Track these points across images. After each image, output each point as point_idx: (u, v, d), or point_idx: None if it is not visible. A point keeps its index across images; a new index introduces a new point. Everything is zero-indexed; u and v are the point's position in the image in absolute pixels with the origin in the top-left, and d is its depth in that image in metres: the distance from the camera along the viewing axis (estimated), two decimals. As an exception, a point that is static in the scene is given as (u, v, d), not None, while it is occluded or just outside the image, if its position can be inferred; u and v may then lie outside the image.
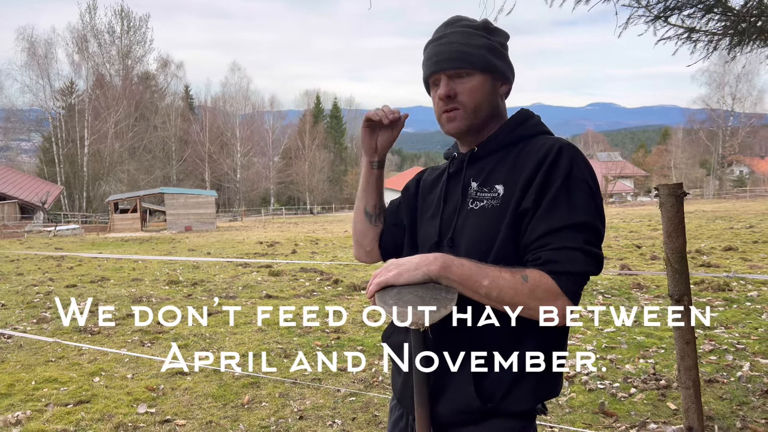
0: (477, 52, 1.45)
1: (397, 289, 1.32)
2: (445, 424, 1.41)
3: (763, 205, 33.65)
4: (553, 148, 1.37)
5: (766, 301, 6.93)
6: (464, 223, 1.44)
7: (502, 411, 1.36)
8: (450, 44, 1.46)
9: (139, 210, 36.71)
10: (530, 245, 1.33)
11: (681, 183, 1.95)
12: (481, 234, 1.40)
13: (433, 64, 1.47)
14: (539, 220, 1.32)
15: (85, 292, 9.43)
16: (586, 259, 1.28)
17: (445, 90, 1.44)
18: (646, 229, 19.56)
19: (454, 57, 1.44)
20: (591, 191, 1.35)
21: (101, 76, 57.58)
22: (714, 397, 3.99)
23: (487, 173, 1.45)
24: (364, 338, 5.89)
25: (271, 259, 12.13)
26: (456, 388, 1.38)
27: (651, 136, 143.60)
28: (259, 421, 3.87)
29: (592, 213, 1.32)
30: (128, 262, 13.51)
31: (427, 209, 1.59)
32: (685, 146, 71.17)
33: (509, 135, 1.47)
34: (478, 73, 1.45)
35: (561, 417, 3.78)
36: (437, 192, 1.58)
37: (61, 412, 4.06)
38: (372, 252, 1.74)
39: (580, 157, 1.37)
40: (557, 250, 1.28)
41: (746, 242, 13.53)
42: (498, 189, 1.41)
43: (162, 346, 5.84)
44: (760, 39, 4.69)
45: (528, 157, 1.39)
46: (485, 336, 1.37)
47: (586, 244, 1.29)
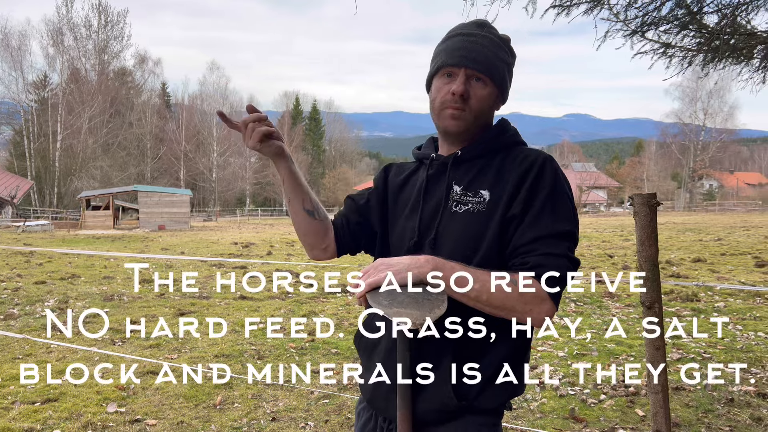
0: (500, 65, 1.49)
1: (389, 291, 1.33)
2: (421, 423, 1.44)
3: (731, 219, 34.47)
4: (537, 160, 1.44)
5: (733, 312, 7.10)
6: (447, 225, 1.47)
7: (476, 408, 1.41)
8: (483, 47, 1.48)
9: (111, 207, 36.12)
10: (518, 250, 1.38)
11: (655, 193, 2.01)
12: (466, 237, 1.43)
13: (459, 57, 1.47)
14: (527, 227, 1.37)
15: (55, 289, 9.25)
16: (569, 265, 1.36)
17: (461, 88, 1.45)
18: (618, 239, 19.89)
19: (481, 60, 1.46)
20: (570, 202, 1.44)
21: (76, 70, 56.64)
22: (681, 405, 4.08)
23: (471, 178, 1.49)
24: (338, 341, 5.89)
25: (247, 260, 12.04)
26: (433, 389, 1.41)
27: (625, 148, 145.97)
28: (231, 422, 3.84)
29: (573, 222, 1.41)
30: (99, 260, 13.30)
31: (402, 209, 1.61)
32: (657, 159, 72.56)
33: (491, 143, 1.52)
34: (492, 84, 1.49)
35: (532, 422, 3.83)
36: (413, 192, 1.60)
37: (28, 410, 3.98)
38: (329, 248, 1.70)
39: (560, 171, 1.45)
40: (544, 255, 1.34)
41: (714, 254, 13.84)
42: (484, 194, 1.45)
43: (133, 345, 5.76)
44: (732, 56, 4.83)
45: (512, 166, 1.45)
46: (461, 337, 1.41)
47: (569, 251, 1.37)
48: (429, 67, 1.57)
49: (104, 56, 60.05)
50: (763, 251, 14.26)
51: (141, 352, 5.48)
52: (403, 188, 1.64)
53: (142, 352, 5.52)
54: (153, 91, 68.31)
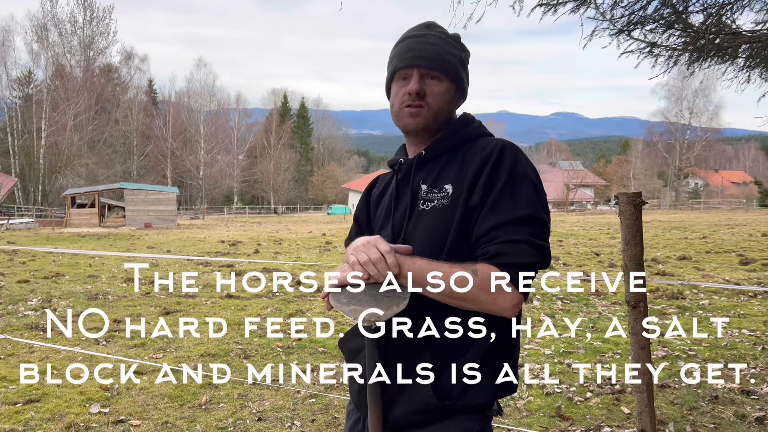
0: (452, 60, 1.51)
1: (350, 290, 1.35)
2: (402, 426, 1.43)
3: (716, 217, 34.81)
4: (496, 147, 1.43)
5: (717, 309, 7.17)
6: (416, 223, 1.48)
7: (460, 407, 1.39)
8: (431, 45, 1.49)
9: (97, 205, 35.77)
10: (479, 240, 1.37)
11: (640, 192, 2.01)
12: (432, 232, 1.43)
13: (410, 58, 1.49)
14: (486, 215, 1.36)
15: (38, 288, 9.15)
16: (531, 251, 1.32)
17: (416, 86, 1.47)
18: (605, 237, 20.01)
19: (432, 58, 1.48)
20: (534, 186, 1.40)
21: (61, 66, 56.04)
22: (666, 402, 4.10)
23: (436, 175, 1.50)
24: (325, 340, 5.86)
25: (233, 258, 11.98)
26: (413, 389, 1.40)
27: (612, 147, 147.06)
28: (216, 422, 3.81)
29: (536, 207, 1.37)
30: (84, 258, 13.17)
31: (379, 219, 1.62)
32: (644, 157, 73.12)
33: (454, 138, 1.52)
34: (447, 80, 1.50)
35: (518, 420, 3.83)
36: (387, 199, 1.61)
37: (9, 411, 3.92)
38: None
39: (521, 155, 1.43)
40: (504, 243, 1.32)
41: (699, 252, 13.97)
42: (447, 189, 1.45)
43: (117, 345, 5.70)
44: (717, 56, 4.86)
45: (473, 157, 1.45)
46: (439, 335, 1.40)
47: (532, 236, 1.34)
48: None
49: (89, 52, 59.48)
50: (747, 249, 14.41)
51: (125, 352, 5.43)
52: (380, 201, 1.67)
53: (126, 351, 5.46)
54: (139, 88, 67.84)
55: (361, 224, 1.71)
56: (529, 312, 7.05)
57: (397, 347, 1.43)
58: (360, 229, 1.71)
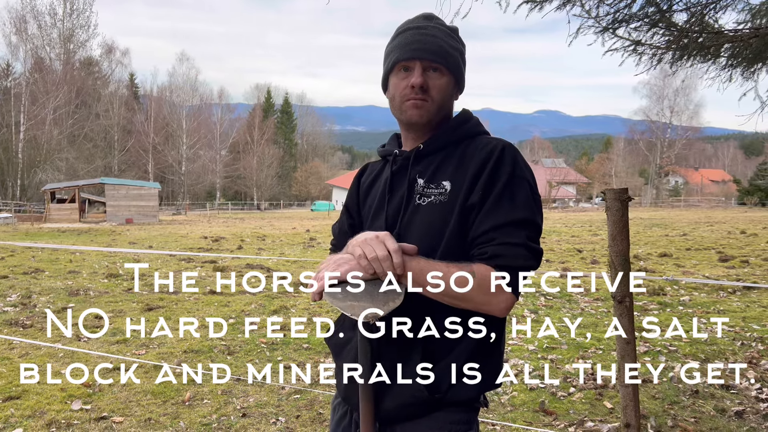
0: (453, 53, 1.50)
1: (345, 285, 1.34)
2: (391, 420, 1.43)
3: (696, 215, 35.30)
4: (497, 147, 1.43)
5: (698, 306, 7.26)
6: (411, 218, 1.47)
7: (449, 401, 1.40)
8: (433, 37, 1.48)
9: (77, 200, 35.30)
10: (476, 240, 1.37)
11: (626, 188, 2.02)
12: (429, 228, 1.43)
13: (412, 50, 1.47)
14: (485, 216, 1.37)
15: (17, 284, 9.01)
16: (527, 254, 1.33)
17: (420, 80, 1.46)
18: (587, 234, 20.19)
19: (435, 50, 1.46)
20: (531, 189, 1.41)
21: (40, 59, 55.09)
22: (647, 397, 4.15)
23: (434, 170, 1.49)
24: (310, 336, 5.85)
25: (217, 254, 11.89)
26: (403, 383, 1.40)
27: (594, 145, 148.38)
28: (200, 418, 3.78)
29: (533, 210, 1.39)
30: (65, 254, 12.99)
31: (369, 209, 1.61)
32: (625, 155, 73.91)
33: (453, 134, 1.51)
34: (448, 73, 1.49)
35: (503, 415, 3.85)
36: (379, 190, 1.60)
37: (-11, 408, 3.86)
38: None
39: (520, 157, 1.44)
40: (502, 245, 1.33)
41: (680, 249, 14.15)
42: (445, 185, 1.44)
43: (99, 341, 5.63)
44: (700, 54, 4.91)
45: (473, 155, 1.45)
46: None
47: (528, 240, 1.35)
48: (383, 66, 1.57)
49: (70, 45, 58.55)
50: (726, 246, 14.63)
51: (107, 348, 5.37)
52: (370, 190, 1.65)
53: (108, 348, 5.40)
54: (121, 82, 66.96)
55: (352, 213, 1.69)
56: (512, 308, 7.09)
57: (388, 339, 1.43)
58: (351, 217, 1.69)
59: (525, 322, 6.36)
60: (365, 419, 1.39)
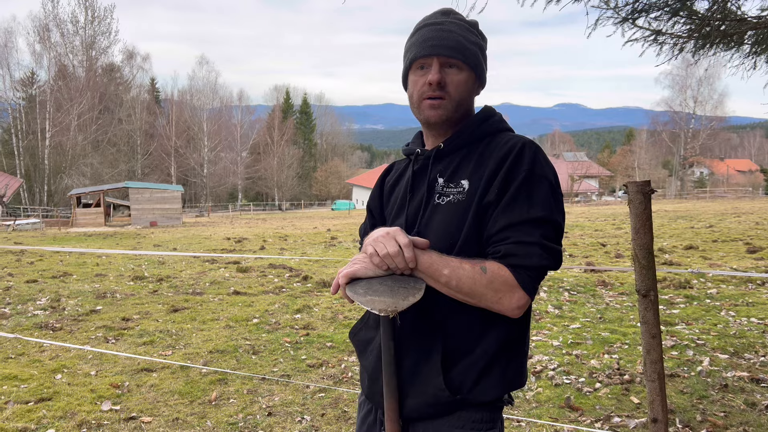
0: (472, 48, 1.47)
1: (366, 281, 1.36)
2: (414, 419, 1.43)
3: (722, 206, 34.65)
4: (517, 144, 1.40)
5: (725, 298, 7.14)
6: (431, 217, 1.47)
7: (472, 401, 1.39)
8: (450, 33, 1.46)
9: (102, 204, 35.87)
10: (491, 238, 1.36)
11: (649, 181, 2.00)
12: (447, 228, 1.42)
13: (429, 47, 1.45)
14: (500, 214, 1.35)
15: (47, 287, 9.19)
16: (542, 254, 1.31)
17: (437, 76, 1.44)
18: (611, 227, 19.95)
19: (452, 46, 1.44)
20: (551, 187, 1.38)
21: (64, 66, 56.10)
22: (675, 391, 4.09)
23: (453, 169, 1.48)
24: (333, 334, 5.87)
25: (240, 255, 12.00)
26: (425, 381, 1.40)
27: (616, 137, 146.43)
28: (227, 417, 3.82)
29: (551, 208, 1.35)
30: (91, 257, 13.21)
31: (392, 208, 1.61)
32: (648, 147, 72.80)
33: (474, 132, 1.49)
34: (467, 68, 1.47)
35: (528, 411, 3.83)
36: (401, 189, 1.60)
37: (22, 410, 3.95)
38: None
39: (541, 154, 1.41)
40: (516, 244, 1.31)
41: (706, 241, 13.91)
42: (464, 184, 1.43)
43: (127, 343, 5.73)
44: (723, 43, 4.82)
45: (492, 152, 1.43)
46: (451, 329, 1.40)
47: (544, 238, 1.32)
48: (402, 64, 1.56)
49: (92, 52, 59.51)
50: (754, 237, 14.34)
51: (135, 350, 5.45)
52: (394, 188, 1.65)
53: (135, 349, 5.49)
54: (142, 87, 67.84)
55: (374, 213, 1.69)
56: (536, 303, 7.04)
57: (410, 337, 1.43)
58: (373, 218, 1.69)
59: (549, 318, 6.31)
60: (389, 417, 1.39)
